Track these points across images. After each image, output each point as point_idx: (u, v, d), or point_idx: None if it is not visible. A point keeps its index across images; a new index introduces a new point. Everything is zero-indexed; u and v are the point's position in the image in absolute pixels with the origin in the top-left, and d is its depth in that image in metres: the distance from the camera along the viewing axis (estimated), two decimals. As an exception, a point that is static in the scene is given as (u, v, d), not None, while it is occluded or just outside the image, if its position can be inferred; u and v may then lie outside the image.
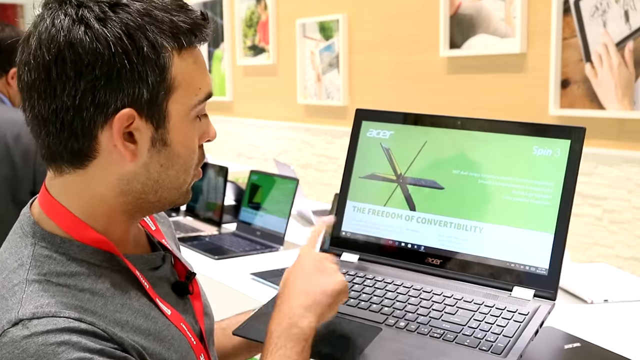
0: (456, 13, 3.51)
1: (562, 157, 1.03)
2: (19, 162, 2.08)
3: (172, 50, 0.86)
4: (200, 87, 0.90)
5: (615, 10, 2.86)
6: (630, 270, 2.66)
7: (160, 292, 0.95)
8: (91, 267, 0.88)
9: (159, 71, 0.85)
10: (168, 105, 0.87)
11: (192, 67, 0.89)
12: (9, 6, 8.68)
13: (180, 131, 0.89)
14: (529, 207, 1.04)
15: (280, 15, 4.81)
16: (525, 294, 1.03)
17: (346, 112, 4.28)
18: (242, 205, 2.67)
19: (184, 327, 0.95)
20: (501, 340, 0.94)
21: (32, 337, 0.78)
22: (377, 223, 1.16)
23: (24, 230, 0.91)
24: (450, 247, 1.09)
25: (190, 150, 0.92)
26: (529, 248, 1.04)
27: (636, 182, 2.89)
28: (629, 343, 1.54)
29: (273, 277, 2.12)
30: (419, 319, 1.00)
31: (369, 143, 1.20)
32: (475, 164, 1.09)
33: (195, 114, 0.91)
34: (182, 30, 0.86)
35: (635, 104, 2.82)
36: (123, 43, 0.83)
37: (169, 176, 0.91)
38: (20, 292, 0.83)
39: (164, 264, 0.99)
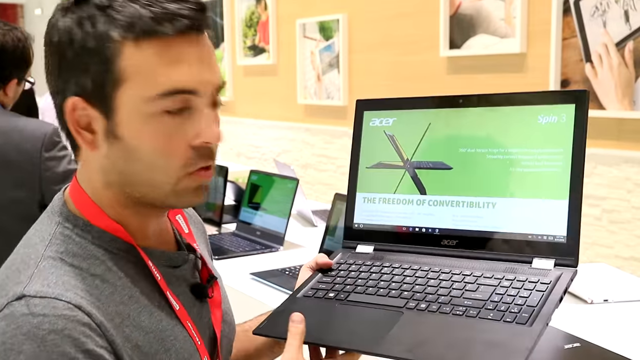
0: (456, 13, 3.51)
1: (569, 122, 1.01)
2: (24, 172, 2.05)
3: (123, 40, 0.83)
4: (161, 81, 0.84)
5: (615, 10, 2.86)
6: (630, 270, 2.66)
7: (175, 290, 0.95)
8: (107, 253, 0.89)
9: (102, 62, 0.84)
10: (117, 96, 0.84)
11: (152, 58, 0.84)
12: (9, 6, 8.68)
13: (133, 125, 0.85)
14: (540, 177, 1.03)
15: (280, 15, 4.81)
16: (546, 264, 1.01)
17: (346, 112, 4.28)
18: (242, 205, 2.67)
19: (189, 325, 0.94)
20: (525, 310, 0.93)
21: (29, 317, 0.79)
22: (389, 211, 1.15)
23: (53, 209, 0.93)
24: (465, 226, 1.08)
25: (158, 149, 0.86)
26: (545, 217, 1.02)
27: (635, 182, 2.89)
28: (628, 343, 1.54)
29: (273, 277, 2.12)
30: (439, 299, 0.98)
31: (372, 132, 1.18)
32: (482, 140, 1.08)
33: (158, 108, 0.84)
34: (144, 19, 0.83)
35: (635, 104, 2.82)
36: (70, 33, 0.84)
37: (137, 171, 0.87)
38: (34, 266, 0.85)
39: (186, 264, 0.98)
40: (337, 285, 1.07)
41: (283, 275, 2.13)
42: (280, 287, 2.03)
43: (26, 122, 2.10)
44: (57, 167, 2.05)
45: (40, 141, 2.03)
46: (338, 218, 2.18)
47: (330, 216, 2.21)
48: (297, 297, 1.07)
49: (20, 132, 2.05)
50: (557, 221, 1.02)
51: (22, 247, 0.91)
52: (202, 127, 0.87)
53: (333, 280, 1.08)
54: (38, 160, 2.02)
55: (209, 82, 0.87)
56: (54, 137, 2.07)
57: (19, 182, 2.02)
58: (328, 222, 2.22)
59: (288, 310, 1.03)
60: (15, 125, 2.07)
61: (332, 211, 2.21)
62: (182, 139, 0.86)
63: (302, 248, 2.48)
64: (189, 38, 0.85)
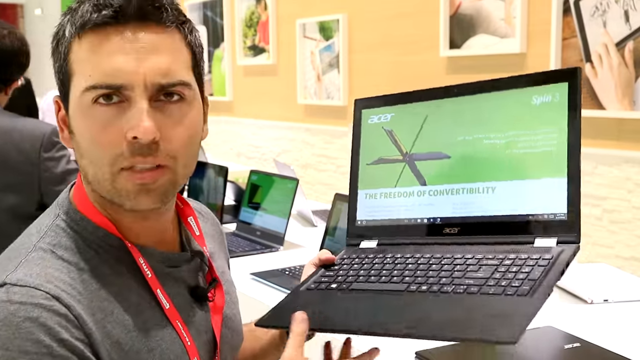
0: (456, 13, 3.51)
1: (562, 100, 1.02)
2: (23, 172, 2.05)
3: (72, 37, 0.87)
4: (90, 74, 0.84)
5: (615, 10, 2.86)
6: (630, 270, 2.66)
7: (171, 291, 0.94)
8: (100, 249, 0.90)
9: (59, 57, 0.89)
10: (70, 91, 0.88)
11: (87, 52, 0.85)
12: (8, 6, 8.68)
13: (77, 118, 0.88)
14: (537, 157, 1.03)
15: (280, 15, 4.81)
16: (548, 242, 1.00)
17: (346, 112, 4.28)
18: (242, 205, 2.67)
19: (179, 325, 0.93)
20: (527, 283, 0.92)
21: (7, 304, 0.81)
22: (391, 205, 1.15)
23: (57, 202, 0.95)
24: (466, 213, 1.08)
25: (90, 140, 0.85)
26: (544, 196, 1.02)
27: (636, 182, 2.89)
28: (629, 343, 1.54)
29: (273, 277, 2.12)
30: (441, 280, 0.98)
31: (371, 130, 1.19)
32: (478, 127, 1.08)
33: (90, 99, 0.84)
34: (84, 14, 0.85)
35: (635, 104, 2.82)
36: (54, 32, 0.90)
37: (85, 166, 0.89)
38: (23, 256, 0.87)
39: (187, 266, 0.98)
40: (340, 277, 1.07)
41: (283, 275, 2.13)
42: (280, 287, 2.03)
43: (25, 122, 2.10)
44: (55, 168, 2.05)
45: (39, 141, 2.04)
46: (338, 218, 2.18)
47: (330, 216, 2.21)
48: (300, 290, 1.07)
49: (20, 132, 2.05)
50: (557, 199, 1.01)
51: (22, 237, 0.93)
52: (133, 120, 0.84)
53: (336, 273, 1.08)
54: (37, 160, 2.02)
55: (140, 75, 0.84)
56: (52, 138, 2.07)
57: (18, 182, 2.02)
58: (328, 222, 2.22)
59: (291, 303, 1.04)
60: (14, 126, 2.07)
61: (332, 211, 2.21)
62: (117, 132, 0.85)
63: (302, 248, 2.48)
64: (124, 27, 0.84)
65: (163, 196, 0.88)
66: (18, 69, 2.15)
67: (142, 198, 0.87)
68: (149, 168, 0.85)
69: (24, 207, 2.02)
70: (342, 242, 2.12)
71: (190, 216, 1.03)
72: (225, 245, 1.18)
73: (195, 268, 1.00)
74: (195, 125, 0.90)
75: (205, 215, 1.15)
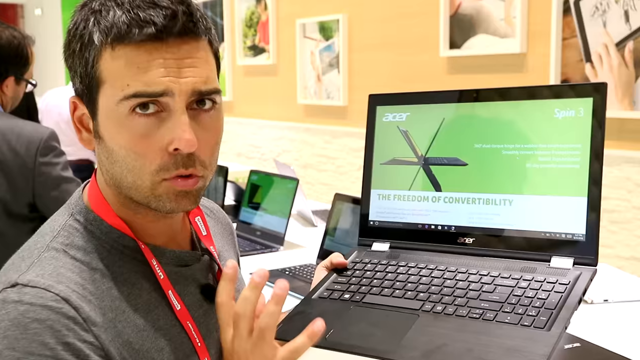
0: (456, 13, 3.51)
1: (587, 116, 0.99)
2: (16, 174, 2.04)
3: (102, 44, 0.86)
4: (128, 84, 0.85)
5: (615, 10, 2.86)
6: (630, 270, 2.66)
7: (182, 290, 0.95)
8: (113, 249, 0.91)
9: (85, 63, 0.88)
10: (99, 98, 0.88)
11: (123, 63, 0.85)
12: (9, 6, 8.68)
13: (109, 126, 0.88)
14: (558, 173, 1.01)
15: (280, 15, 4.81)
16: (565, 263, 0.99)
17: (346, 112, 4.28)
18: (242, 205, 2.67)
19: (190, 326, 0.94)
20: (543, 313, 0.91)
21: (17, 305, 0.82)
22: (404, 208, 1.13)
23: (70, 202, 0.96)
24: (481, 223, 1.06)
25: (127, 149, 0.86)
26: (563, 215, 1.00)
27: (636, 182, 2.89)
28: (629, 343, 1.54)
29: (273, 277, 2.12)
30: (456, 301, 0.97)
31: (385, 128, 1.16)
32: (497, 135, 1.06)
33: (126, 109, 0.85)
34: (119, 26, 0.85)
35: (635, 104, 2.82)
36: (70, 34, 0.89)
37: (118, 172, 0.89)
38: (36, 256, 0.88)
39: (197, 264, 0.98)
40: (353, 286, 1.06)
41: (283, 275, 2.13)
42: (280, 287, 2.03)
43: (24, 124, 2.09)
44: (50, 173, 2.04)
45: (36, 146, 2.03)
46: (338, 218, 2.18)
47: (330, 216, 2.21)
48: (313, 298, 1.06)
49: (18, 135, 2.04)
50: (576, 219, 1.00)
51: (35, 236, 0.94)
52: (174, 132, 0.85)
53: (348, 280, 1.07)
54: (32, 164, 2.01)
55: (182, 84, 0.85)
56: (50, 142, 2.06)
57: (11, 183, 2.02)
58: (328, 222, 2.22)
59: (304, 313, 1.03)
60: (12, 127, 2.06)
61: (332, 211, 2.20)
62: (157, 143, 0.86)
63: (302, 248, 2.48)
64: (164, 45, 0.85)
65: (198, 198, 0.92)
66: (11, 65, 2.13)
67: (181, 201, 0.89)
68: (186, 175, 0.88)
69: (15, 206, 2.02)
70: (342, 242, 2.12)
71: (198, 216, 1.05)
72: (235, 244, 1.18)
73: (205, 266, 1.00)
74: (222, 131, 0.94)
75: (216, 213, 1.16)
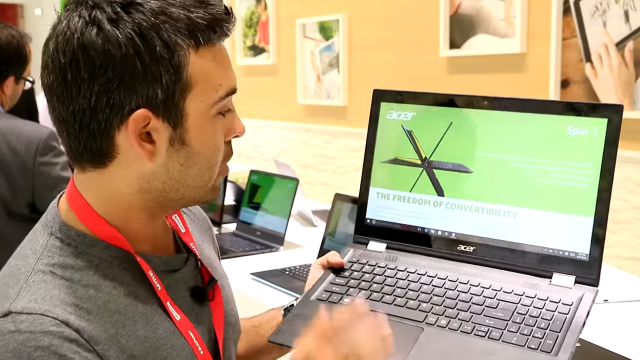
0: (456, 13, 3.51)
1: (599, 137, 0.98)
2: (16, 174, 2.04)
3: (188, 48, 0.84)
4: (220, 84, 0.88)
5: (615, 10, 2.86)
6: (630, 270, 2.66)
7: (175, 295, 0.94)
8: (102, 262, 0.88)
9: (173, 70, 0.84)
10: (185, 104, 0.86)
11: (211, 64, 0.87)
12: (8, 6, 8.67)
13: (200, 129, 0.88)
14: (565, 190, 1.00)
15: (280, 15, 4.81)
16: (566, 281, 0.99)
17: (346, 112, 4.28)
18: (242, 205, 2.67)
19: (191, 335, 0.93)
20: (549, 336, 0.91)
21: (15, 334, 0.79)
22: (404, 210, 1.11)
23: (47, 219, 0.92)
24: (484, 233, 1.05)
25: (213, 148, 0.90)
26: (568, 233, 0.99)
27: (636, 182, 2.89)
28: (629, 343, 1.54)
29: (273, 277, 2.12)
30: (460, 315, 0.96)
31: (389, 125, 1.13)
32: (505, 146, 1.04)
33: (217, 111, 0.89)
34: (200, 27, 0.85)
35: (635, 104, 2.82)
36: (135, 44, 0.82)
37: (191, 175, 0.90)
38: (23, 281, 0.84)
39: (185, 267, 0.98)
40: (352, 289, 1.04)
41: (283, 275, 2.13)
42: (280, 287, 2.03)
43: (23, 124, 2.09)
44: (50, 173, 2.03)
45: (36, 145, 2.03)
46: (338, 218, 2.17)
47: (330, 216, 2.21)
48: (311, 299, 1.05)
49: (17, 135, 2.04)
50: (580, 238, 0.99)
51: (14, 259, 0.90)
52: (235, 122, 0.94)
53: (346, 282, 1.06)
54: (32, 164, 2.01)
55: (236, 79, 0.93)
56: (49, 142, 2.06)
57: (11, 183, 2.02)
58: (328, 222, 2.22)
59: (302, 315, 1.01)
60: (12, 127, 2.06)
61: (332, 211, 2.20)
62: (222, 136, 0.92)
63: (302, 248, 2.48)
64: (222, 42, 0.90)
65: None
66: (11, 64, 2.13)
67: (219, 190, 0.96)
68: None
69: (15, 205, 2.02)
70: (342, 242, 2.12)
71: (175, 214, 1.04)
72: (214, 238, 1.17)
73: (192, 268, 0.99)
74: None
75: (192, 209, 1.15)
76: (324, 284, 1.07)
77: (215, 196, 0.95)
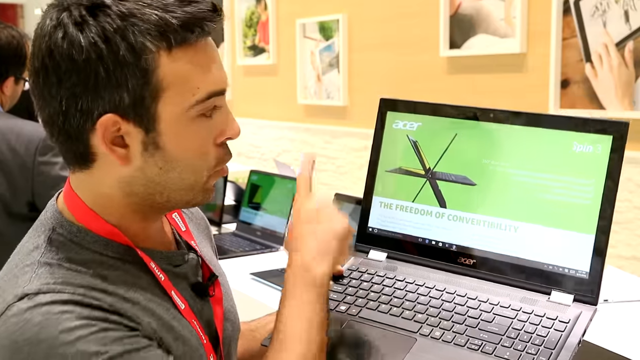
0: (456, 13, 3.50)
1: (604, 154, 0.98)
2: (16, 174, 2.04)
3: (158, 50, 0.81)
4: (198, 87, 0.84)
5: (615, 10, 2.86)
6: (631, 270, 2.66)
7: (178, 288, 0.94)
8: (104, 258, 0.89)
9: (140, 74, 0.81)
10: (158, 108, 0.83)
11: (187, 66, 0.83)
12: (9, 6, 8.67)
13: (176, 133, 0.85)
14: (568, 207, 0.99)
15: (280, 15, 4.81)
16: (565, 298, 0.98)
17: (346, 112, 4.28)
18: (242, 205, 2.67)
19: (195, 323, 0.94)
20: (543, 353, 0.90)
21: (36, 308, 0.79)
22: (406, 220, 1.11)
23: (46, 217, 0.92)
24: (484, 246, 1.04)
25: (194, 151, 0.87)
26: (568, 250, 0.99)
27: (637, 182, 2.89)
28: (629, 343, 1.54)
29: (273, 277, 2.12)
30: (454, 327, 0.96)
31: (394, 135, 1.13)
32: (510, 160, 1.03)
33: (197, 113, 0.86)
34: (173, 27, 0.81)
35: (635, 104, 2.82)
36: (97, 48, 0.80)
37: (172, 179, 0.87)
38: (31, 272, 0.85)
39: (186, 263, 0.98)
40: (349, 297, 1.04)
41: (283, 275, 2.13)
42: (280, 287, 2.02)
43: (23, 124, 2.09)
44: (49, 172, 2.04)
45: (35, 145, 2.03)
46: (338, 218, 2.17)
47: (330, 216, 2.21)
48: None
49: (17, 135, 2.04)
50: (580, 255, 0.98)
51: (16, 255, 0.90)
52: (227, 124, 0.90)
53: (344, 290, 1.06)
54: (32, 164, 2.01)
55: (226, 79, 0.89)
56: (49, 142, 2.06)
57: (11, 182, 2.02)
58: (328, 222, 2.21)
59: None
60: (12, 127, 2.06)
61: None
62: (211, 139, 0.89)
63: (302, 248, 2.48)
64: (208, 40, 0.86)
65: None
66: (11, 65, 2.13)
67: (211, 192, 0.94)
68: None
69: (15, 205, 2.02)
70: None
71: (175, 213, 1.04)
72: (211, 237, 1.17)
73: (193, 264, 1.00)
74: None
75: (193, 211, 1.15)
76: None
77: (206, 199, 0.93)
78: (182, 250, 1.00)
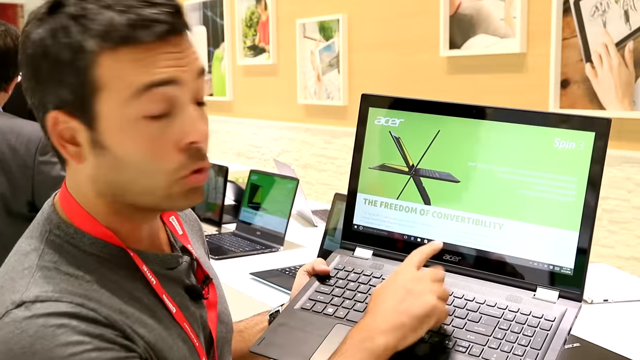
0: (456, 13, 3.51)
1: (586, 151, 0.97)
2: (16, 173, 2.04)
3: (100, 49, 0.81)
4: (134, 80, 0.82)
5: (615, 10, 2.86)
6: (630, 270, 2.66)
7: (169, 291, 0.94)
8: (100, 260, 0.89)
9: (77, 72, 0.82)
10: (97, 106, 0.83)
11: (129, 64, 0.82)
12: (9, 6, 8.67)
13: (117, 133, 0.83)
14: (551, 204, 0.99)
15: (280, 15, 4.81)
16: (550, 295, 0.99)
17: (346, 112, 4.28)
18: (242, 205, 2.67)
19: (187, 327, 0.94)
20: (529, 353, 0.91)
21: (33, 319, 0.79)
22: (390, 217, 1.11)
23: (44, 218, 0.92)
24: (469, 243, 1.04)
25: (142, 155, 0.84)
26: (553, 246, 0.99)
27: (636, 182, 2.89)
28: (628, 343, 1.54)
29: (273, 277, 2.12)
30: (441, 329, 0.96)
31: (377, 131, 1.13)
32: (493, 156, 1.03)
33: (139, 111, 0.83)
34: (119, 27, 0.81)
35: (635, 104, 2.82)
36: (43, 45, 0.83)
37: (127, 180, 0.86)
38: (29, 276, 0.84)
39: (180, 266, 0.98)
40: (336, 298, 1.04)
41: (283, 275, 2.13)
42: (280, 287, 2.03)
43: (23, 124, 2.10)
44: (50, 172, 2.04)
45: (36, 145, 2.03)
46: (338, 218, 2.17)
47: (330, 216, 2.21)
48: (295, 308, 1.05)
49: (17, 134, 2.04)
50: (565, 252, 0.99)
51: (14, 256, 0.90)
52: (186, 126, 0.85)
53: (331, 291, 1.06)
54: (32, 163, 2.02)
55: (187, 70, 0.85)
56: None
57: (11, 182, 2.02)
58: (328, 222, 2.22)
59: (286, 325, 1.01)
60: (12, 126, 2.06)
61: (332, 211, 2.20)
62: (169, 142, 0.84)
63: (302, 248, 2.48)
64: (167, 41, 0.83)
65: (204, 191, 0.92)
66: (17, 67, 2.15)
67: (193, 197, 0.89)
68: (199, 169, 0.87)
69: (15, 205, 2.02)
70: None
71: (172, 216, 1.04)
72: (204, 239, 1.17)
73: (187, 267, 1.00)
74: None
75: (187, 213, 1.15)
76: (309, 293, 1.07)
77: (178, 206, 0.90)
78: (177, 253, 1.00)
